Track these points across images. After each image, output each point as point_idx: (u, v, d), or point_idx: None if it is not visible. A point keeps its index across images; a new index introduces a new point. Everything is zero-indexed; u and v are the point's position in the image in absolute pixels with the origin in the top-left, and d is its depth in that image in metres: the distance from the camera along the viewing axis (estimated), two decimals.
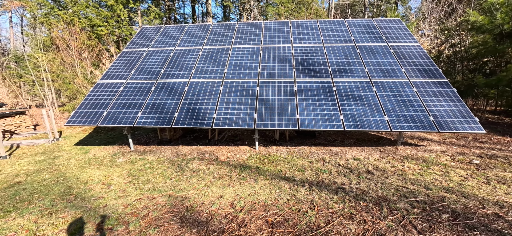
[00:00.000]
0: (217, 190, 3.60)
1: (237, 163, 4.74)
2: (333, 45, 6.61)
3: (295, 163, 4.57)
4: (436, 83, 5.37)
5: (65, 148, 6.55)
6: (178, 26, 8.19)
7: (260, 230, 2.56)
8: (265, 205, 3.11)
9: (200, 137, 6.95)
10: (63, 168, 4.92)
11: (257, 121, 4.95)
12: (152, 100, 5.65)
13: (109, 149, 6.11)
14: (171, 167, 4.68)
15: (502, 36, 6.49)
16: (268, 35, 7.24)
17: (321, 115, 4.95)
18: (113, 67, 6.80)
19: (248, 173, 4.20)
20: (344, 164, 4.44)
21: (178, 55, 6.89)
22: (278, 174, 4.13)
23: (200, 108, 5.31)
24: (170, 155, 5.38)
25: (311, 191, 3.45)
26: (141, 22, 13.38)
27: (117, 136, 7.59)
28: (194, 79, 6.06)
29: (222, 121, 5.02)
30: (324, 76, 5.77)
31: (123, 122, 5.24)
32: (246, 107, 5.23)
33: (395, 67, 5.81)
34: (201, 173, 4.31)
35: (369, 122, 4.75)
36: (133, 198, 3.49)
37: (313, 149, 5.37)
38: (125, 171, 4.56)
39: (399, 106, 4.98)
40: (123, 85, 6.17)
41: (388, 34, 6.83)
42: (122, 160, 5.25)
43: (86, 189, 3.88)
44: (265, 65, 6.21)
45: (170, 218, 2.89)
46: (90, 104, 5.79)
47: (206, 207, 3.12)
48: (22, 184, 4.25)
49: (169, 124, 5.07)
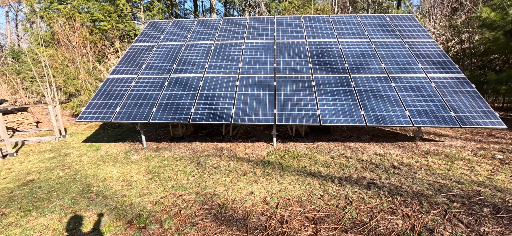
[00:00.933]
0: (245, 187, 3.51)
1: (258, 159, 4.65)
2: (348, 41, 6.55)
3: (318, 159, 4.50)
4: (454, 79, 5.37)
5: (73, 145, 6.34)
6: (187, 21, 8.01)
7: (303, 226, 2.48)
8: (300, 201, 3.03)
9: (212, 133, 6.83)
10: (77, 165, 4.74)
11: (277, 116, 4.86)
12: (166, 95, 5.49)
13: (121, 146, 5.93)
14: (190, 163, 4.56)
15: None
16: (281, 30, 7.13)
17: (342, 110, 4.88)
18: (122, 62, 6.60)
19: (272, 169, 4.11)
20: (367, 159, 4.40)
21: (190, 50, 6.73)
22: (303, 170, 4.05)
23: (217, 104, 5.18)
24: (186, 152, 5.25)
25: (342, 186, 3.39)
26: (143, 17, 13.08)
27: (125, 133, 7.40)
28: (209, 74, 5.92)
29: (241, 117, 4.91)
30: (341, 71, 5.71)
31: (137, 118, 5.08)
32: (265, 102, 5.13)
33: (412, 63, 5.78)
34: (223, 170, 4.20)
35: (391, 117, 4.71)
36: (159, 195, 3.36)
37: (331, 145, 5.31)
38: (143, 168, 4.41)
39: (419, 102, 4.95)
40: (134, 80, 5.98)
41: (402, 29, 6.80)
42: (137, 157, 5.10)
43: (106, 186, 3.73)
44: (280, 60, 6.11)
45: (204, 215, 2.79)
46: (101, 99, 5.60)
47: (239, 203, 3.03)
48: (36, 182, 4.07)
49: (186, 119, 4.94)
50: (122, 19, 11.44)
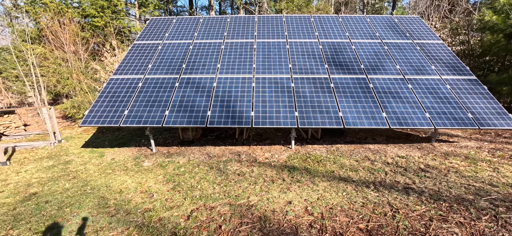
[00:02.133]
0: (279, 195, 3.32)
1: (280, 164, 4.47)
2: (360, 42, 6.51)
3: (343, 163, 4.40)
4: (467, 81, 5.47)
5: (72, 151, 5.83)
6: (192, 18, 7.64)
7: None
8: (344, 210, 2.89)
9: (221, 135, 6.56)
10: (83, 175, 4.32)
11: (299, 119, 4.70)
12: (178, 97, 5.16)
13: (127, 152, 5.52)
14: (210, 170, 4.29)
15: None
16: (292, 30, 6.98)
17: (363, 112, 4.81)
18: (126, 61, 6.15)
19: (300, 175, 3.95)
20: (393, 162, 4.36)
21: (199, 49, 6.41)
22: (331, 175, 3.93)
23: (235, 106, 4.94)
24: (201, 157, 4.96)
25: (380, 192, 3.29)
26: (138, 13, 12.44)
27: (127, 137, 6.94)
28: (222, 75, 5.65)
29: (262, 120, 4.70)
30: (357, 72, 5.65)
31: (149, 122, 4.72)
32: (285, 104, 4.96)
33: (425, 65, 5.84)
34: (248, 176, 3.98)
35: (412, 119, 4.71)
36: (188, 208, 3.09)
37: (350, 147, 5.24)
38: (160, 177, 4.09)
39: (437, 104, 4.99)
40: (141, 81, 5.58)
41: (411, 31, 6.88)
42: (149, 163, 4.75)
43: (124, 199, 3.40)
44: (295, 61, 5.96)
45: (248, 231, 2.57)
46: (106, 102, 5.16)
47: (281, 215, 2.84)
48: (41, 195, 3.64)
49: (203, 123, 4.66)
50: (117, 15, 10.78)
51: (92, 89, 8.26)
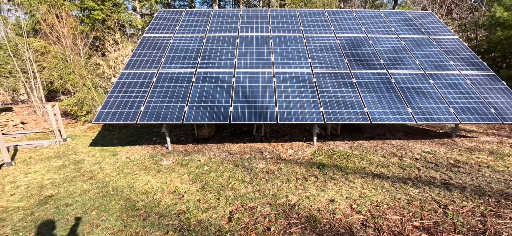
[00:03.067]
0: (318, 193, 3.18)
1: (306, 161, 4.34)
2: (377, 37, 6.43)
3: (371, 159, 4.31)
4: (485, 76, 5.48)
5: (81, 149, 5.51)
6: (202, 11, 7.36)
7: None
8: (390, 207, 2.78)
9: (236, 133, 6.37)
10: (100, 175, 4.05)
11: (325, 115, 4.57)
12: (196, 93, 4.93)
13: (140, 150, 5.26)
14: (236, 168, 4.11)
15: None
16: (307, 24, 6.82)
17: (388, 108, 4.74)
18: (137, 55, 5.84)
19: (332, 172, 3.83)
20: (421, 158, 4.30)
21: (213, 43, 6.16)
22: (363, 171, 3.83)
23: (257, 102, 4.76)
24: (222, 155, 4.77)
25: (420, 188, 3.21)
26: (139, 7, 11.96)
27: (136, 135, 6.65)
28: (240, 69, 5.44)
29: (287, 115, 4.54)
30: (378, 67, 5.57)
31: (168, 118, 4.48)
32: (309, 100, 4.82)
33: (444, 60, 5.82)
34: (278, 174, 3.83)
35: (437, 115, 4.67)
36: (225, 209, 2.91)
37: (373, 143, 5.17)
38: (185, 176, 3.88)
39: (460, 99, 4.97)
40: (155, 76, 5.31)
41: (426, 26, 6.85)
42: (168, 162, 4.51)
43: (152, 200, 3.18)
44: (314, 55, 5.81)
45: (301, 232, 2.42)
46: (120, 97, 4.87)
47: (328, 215, 2.70)
48: (58, 198, 3.37)
49: (226, 119, 4.46)
50: (117, 8, 10.31)
51: (95, 85, 7.87)
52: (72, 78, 7.21)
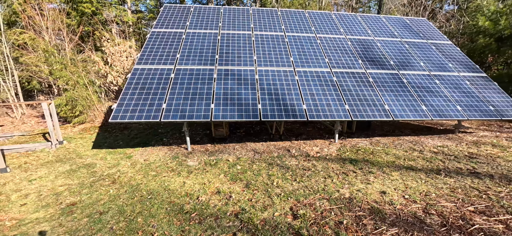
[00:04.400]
0: (366, 186, 3.23)
1: (335, 157, 4.40)
2: (384, 40, 6.81)
3: (396, 154, 4.51)
4: (480, 77, 6.10)
5: (84, 153, 4.96)
6: (212, 8, 7.14)
7: (487, 221, 2.37)
8: (439, 196, 2.92)
9: (250, 132, 6.24)
10: (124, 179, 3.67)
11: (351, 112, 4.69)
12: (220, 90, 4.74)
13: (155, 151, 4.89)
14: (270, 166, 4.01)
15: (502, 39, 7.85)
16: (317, 25, 6.98)
17: (406, 106, 5.01)
18: (148, 50, 5.45)
19: (366, 166, 3.93)
20: (438, 151, 4.60)
21: (228, 40, 6.00)
22: (394, 165, 3.99)
23: (284, 99, 4.72)
24: (248, 154, 4.63)
25: (453, 178, 3.43)
26: (130, 1, 11.23)
27: (142, 136, 6.18)
28: (261, 67, 5.36)
29: (315, 113, 4.57)
30: (389, 68, 5.88)
31: (195, 116, 4.23)
32: (333, 98, 4.90)
33: (444, 63, 6.36)
34: (315, 170, 3.82)
35: (448, 112, 5.05)
36: (283, 206, 2.81)
37: (389, 139, 5.42)
38: (222, 176, 3.68)
39: (464, 97, 5.45)
40: (173, 72, 5.00)
41: (423, 32, 7.43)
42: (194, 163, 4.25)
43: (200, 202, 2.95)
44: (330, 55, 5.96)
45: (373, 223, 2.42)
46: (137, 94, 4.49)
47: (386, 205, 2.74)
48: (85, 206, 2.97)
49: (256, 117, 4.34)
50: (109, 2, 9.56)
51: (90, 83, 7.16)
52: (64, 75, 6.47)
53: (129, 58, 7.91)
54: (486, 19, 7.90)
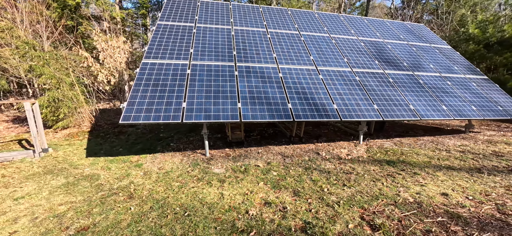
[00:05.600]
0: (421, 188, 3.00)
1: (369, 159, 4.17)
2: (392, 42, 6.91)
3: (426, 154, 4.41)
4: (483, 79, 6.41)
5: (78, 162, 4.14)
6: (220, 3, 6.69)
7: None
8: (499, 195, 2.78)
9: (264, 135, 5.83)
10: (143, 192, 3.02)
11: (380, 112, 4.53)
12: (245, 88, 4.29)
13: (168, 158, 4.25)
14: (308, 171, 3.64)
15: (489, 46, 8.50)
16: (329, 26, 6.88)
17: (428, 105, 5.01)
18: (156, 44, 4.83)
19: (406, 167, 3.74)
20: (464, 150, 4.61)
21: (243, 36, 5.59)
22: (431, 165, 3.86)
23: (313, 99, 4.41)
24: (276, 158, 4.21)
25: (497, 176, 3.36)
26: None
27: (142, 140, 5.44)
28: (282, 65, 5.02)
29: (346, 113, 4.33)
30: (404, 69, 5.92)
31: (221, 116, 3.73)
32: (360, 97, 4.72)
33: (449, 65, 6.60)
34: (357, 173, 3.53)
35: (465, 111, 5.15)
36: (352, 215, 2.44)
37: (409, 140, 5.37)
38: (261, 184, 3.21)
39: (475, 98, 5.63)
40: (189, 67, 4.44)
41: (424, 36, 7.73)
42: (220, 170, 3.72)
43: (251, 218, 2.46)
44: (347, 55, 5.83)
45: (461, 230, 2.15)
46: (149, 92, 3.86)
47: (458, 207, 2.52)
48: (102, 229, 2.31)
49: (288, 117, 3.96)
50: None
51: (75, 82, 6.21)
52: (46, 71, 5.48)
53: (123, 55, 7.07)
54: (475, 27, 8.51)
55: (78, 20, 8.46)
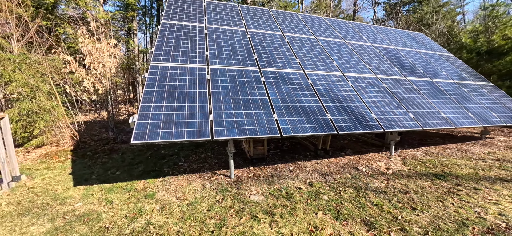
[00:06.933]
0: (497, 208, 2.62)
1: (411, 173, 3.78)
2: (403, 49, 6.85)
3: (468, 164, 4.14)
4: (490, 86, 6.55)
5: (66, 194, 3.18)
6: (227, 4, 6.12)
7: None
8: None
9: (283, 148, 5.25)
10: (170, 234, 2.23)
11: (417, 120, 4.21)
12: (276, 96, 3.70)
13: (183, 183, 3.45)
14: (361, 192, 3.11)
15: (479, 54, 8.95)
16: (341, 32, 6.63)
17: (456, 113, 4.84)
18: (165, 45, 4.07)
19: (462, 181, 3.39)
20: (498, 158, 4.44)
21: (260, 39, 5.04)
22: (479, 177, 3.57)
23: (350, 108, 3.95)
24: (312, 176, 3.63)
25: None
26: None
27: (139, 159, 4.55)
28: (308, 70, 4.55)
29: (387, 122, 3.92)
30: (422, 76, 5.79)
31: (259, 131, 3.08)
32: (394, 105, 4.38)
33: (458, 72, 6.67)
34: (413, 190, 3.09)
35: (489, 118, 5.06)
36: None
37: (436, 149, 5.13)
38: (320, 214, 2.60)
39: (491, 104, 5.63)
40: (207, 72, 3.74)
41: (427, 43, 7.85)
42: (258, 197, 3.03)
43: None
44: (368, 62, 5.56)
45: None
46: (164, 101, 3.10)
47: None
48: None
49: (331, 129, 3.43)
50: None
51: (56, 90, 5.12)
52: (18, 77, 4.38)
53: (113, 60, 6.10)
54: (468, 37, 8.94)
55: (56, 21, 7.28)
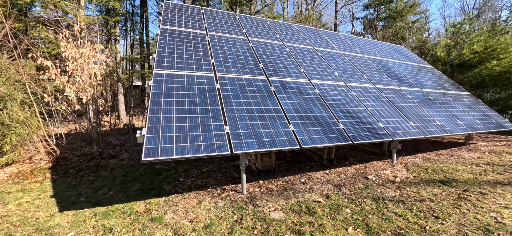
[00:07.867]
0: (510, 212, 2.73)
1: (417, 180, 3.85)
2: (392, 61, 7.24)
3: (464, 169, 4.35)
4: (469, 95, 7.13)
5: (51, 222, 2.70)
6: (225, 12, 6.00)
7: None
8: None
9: (286, 159, 5.12)
10: None
11: (418, 129, 4.37)
12: (288, 105, 3.59)
13: (192, 201, 3.13)
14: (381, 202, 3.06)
15: (453, 66, 9.83)
16: (336, 43, 6.84)
17: (448, 120, 5.13)
18: (167, 51, 3.78)
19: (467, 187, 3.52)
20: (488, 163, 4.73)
21: (262, 48, 4.96)
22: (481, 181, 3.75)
23: (358, 117, 3.97)
24: (325, 188, 3.52)
25: None
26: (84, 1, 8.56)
27: (132, 174, 4.10)
28: (313, 80, 4.53)
29: (393, 131, 4.00)
30: (413, 86, 6.12)
31: (278, 142, 2.90)
32: (396, 114, 4.51)
33: (441, 82, 7.19)
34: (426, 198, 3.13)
35: (475, 125, 5.44)
36: None
37: (431, 155, 5.37)
38: (350, 230, 2.46)
39: (474, 112, 6.10)
40: (216, 81, 3.52)
41: (409, 56, 8.42)
42: (278, 215, 2.82)
43: None
44: (364, 72, 5.74)
45: None
46: (174, 111, 2.80)
47: None
48: None
49: (346, 139, 3.38)
50: None
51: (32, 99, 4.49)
52: None
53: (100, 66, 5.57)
54: (442, 51, 9.81)
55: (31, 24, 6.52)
